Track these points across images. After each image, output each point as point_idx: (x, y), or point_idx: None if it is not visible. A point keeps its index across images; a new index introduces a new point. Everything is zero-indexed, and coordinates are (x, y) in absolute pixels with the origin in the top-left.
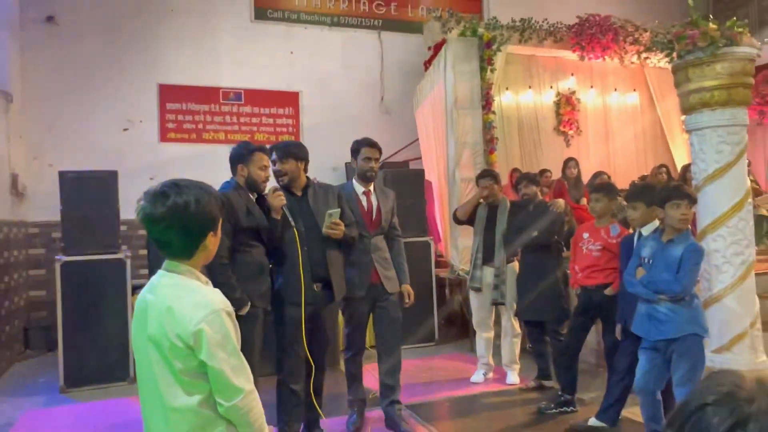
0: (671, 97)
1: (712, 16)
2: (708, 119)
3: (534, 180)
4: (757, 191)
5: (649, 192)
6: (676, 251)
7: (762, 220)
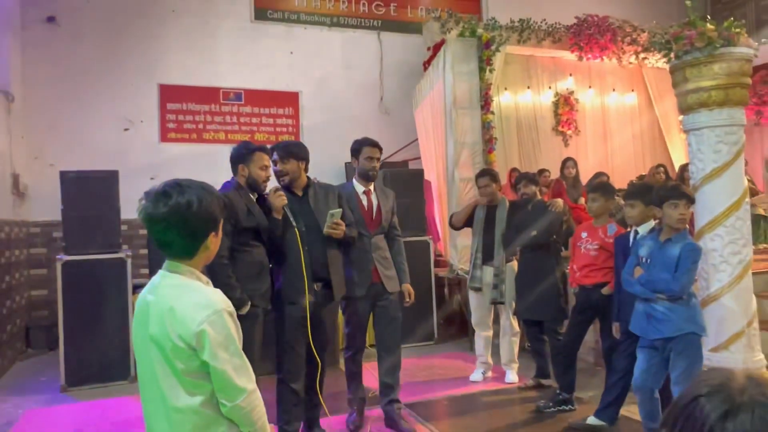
0: (669, 97)
1: (710, 17)
2: (706, 119)
3: (533, 179)
4: (754, 191)
5: (647, 191)
6: (673, 250)
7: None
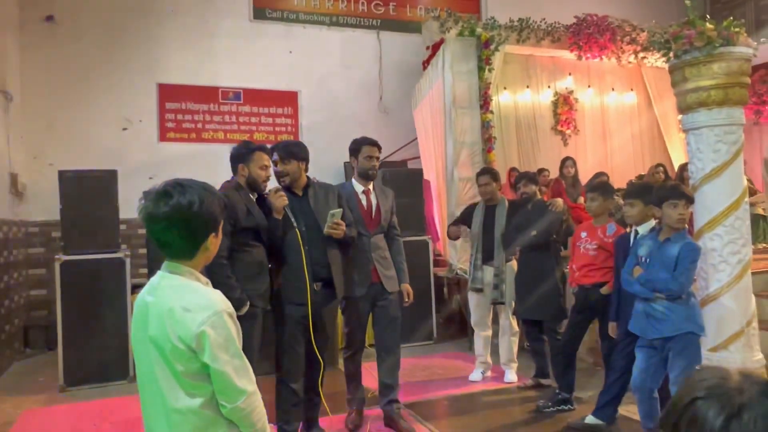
0: (668, 97)
1: (709, 16)
2: (705, 119)
3: (533, 179)
4: (752, 191)
5: (646, 191)
6: (673, 250)
7: (758, 219)
